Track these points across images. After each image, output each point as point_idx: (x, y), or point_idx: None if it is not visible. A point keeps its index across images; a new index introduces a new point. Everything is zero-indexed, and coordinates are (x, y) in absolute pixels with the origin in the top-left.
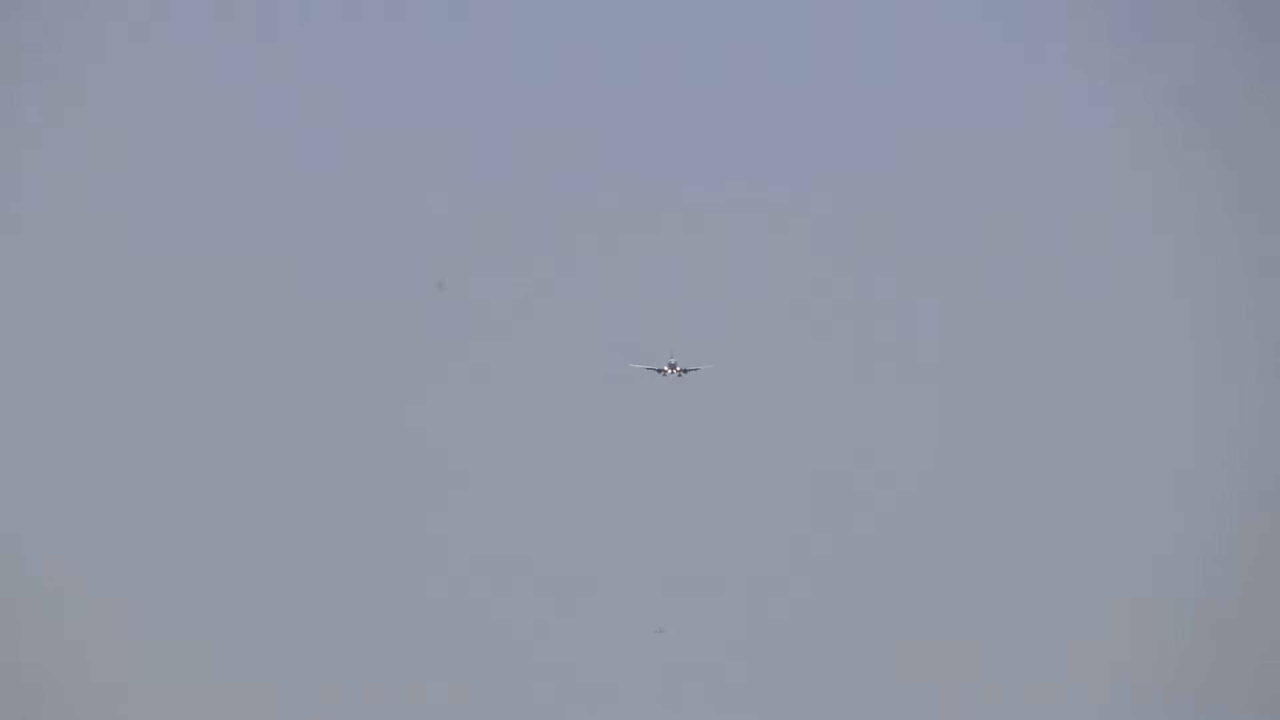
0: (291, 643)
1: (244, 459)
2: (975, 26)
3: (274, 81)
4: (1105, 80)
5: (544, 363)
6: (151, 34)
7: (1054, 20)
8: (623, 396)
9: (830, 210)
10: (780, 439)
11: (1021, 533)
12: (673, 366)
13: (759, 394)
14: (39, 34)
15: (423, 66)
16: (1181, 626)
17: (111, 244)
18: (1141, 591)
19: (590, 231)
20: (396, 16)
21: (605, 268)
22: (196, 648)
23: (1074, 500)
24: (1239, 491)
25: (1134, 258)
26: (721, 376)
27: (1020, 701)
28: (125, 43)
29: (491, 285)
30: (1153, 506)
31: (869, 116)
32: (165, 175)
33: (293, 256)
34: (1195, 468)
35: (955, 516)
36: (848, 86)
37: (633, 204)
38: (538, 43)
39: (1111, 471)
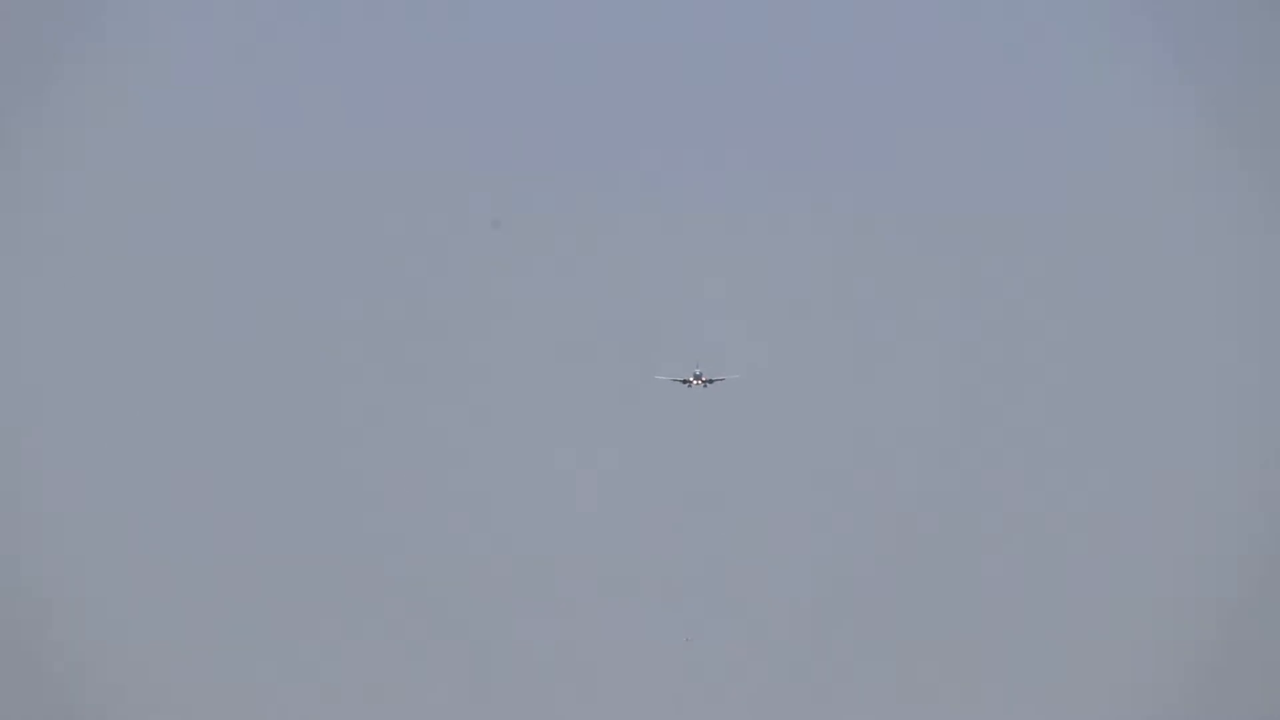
0: (291, 643)
1: (245, 459)
2: (975, 26)
3: (272, 81)
4: (1107, 79)
5: (543, 363)
6: (148, 34)
7: (1055, 20)
8: (622, 398)
9: (831, 210)
10: (780, 439)
11: (1021, 532)
12: (698, 377)
13: (759, 394)
14: (35, 34)
15: (423, 66)
16: (1182, 627)
17: (108, 245)
18: (1142, 592)
19: (589, 232)
20: (396, 16)
21: (604, 267)
22: (196, 647)
23: (1074, 500)
24: (1239, 492)
25: (1136, 257)
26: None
27: (1020, 701)
28: (121, 43)
29: (491, 285)
30: (1154, 506)
31: (869, 117)
32: (163, 175)
33: (293, 256)
34: (1196, 467)
35: (955, 516)
36: (847, 87)
37: (633, 204)
38: (538, 43)
39: (1114, 471)
